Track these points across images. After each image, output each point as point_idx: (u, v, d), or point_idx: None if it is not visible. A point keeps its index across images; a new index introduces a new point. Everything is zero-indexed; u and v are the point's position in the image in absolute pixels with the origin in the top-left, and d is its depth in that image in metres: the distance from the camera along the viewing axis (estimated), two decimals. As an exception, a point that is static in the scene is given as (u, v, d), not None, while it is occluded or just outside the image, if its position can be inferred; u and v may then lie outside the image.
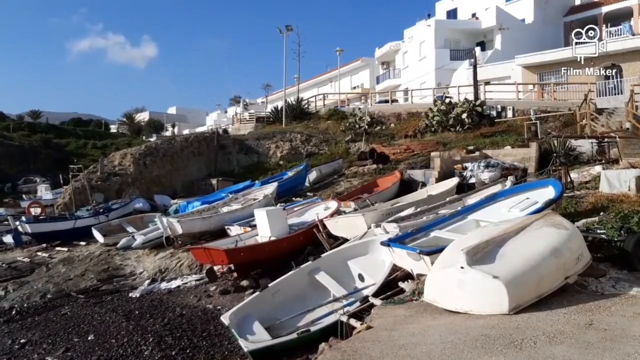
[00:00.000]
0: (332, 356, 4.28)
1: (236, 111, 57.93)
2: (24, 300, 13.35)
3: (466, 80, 33.44)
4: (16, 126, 57.89)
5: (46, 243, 19.40)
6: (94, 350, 8.90)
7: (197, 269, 13.71)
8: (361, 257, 9.27)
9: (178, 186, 27.30)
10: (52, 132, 58.31)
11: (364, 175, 21.12)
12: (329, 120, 34.28)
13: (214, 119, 71.90)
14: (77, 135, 60.78)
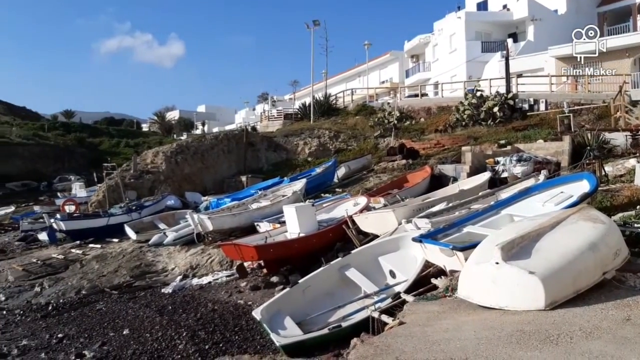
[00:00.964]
0: (364, 351, 4.25)
1: (264, 108, 58.12)
2: (59, 296, 13.66)
3: (498, 72, 32.92)
4: (51, 126, 59.24)
5: (80, 240, 19.81)
6: (129, 344, 9.05)
7: (227, 265, 13.82)
8: (392, 254, 9.19)
9: (208, 183, 27.59)
10: (85, 131, 59.55)
11: (394, 171, 21.00)
12: (357, 116, 34.14)
13: (242, 117, 72.38)
14: (110, 134, 61.93)
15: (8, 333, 11.04)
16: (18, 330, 11.14)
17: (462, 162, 17.88)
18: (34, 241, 21.83)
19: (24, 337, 10.58)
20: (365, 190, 17.62)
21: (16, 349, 9.87)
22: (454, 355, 3.83)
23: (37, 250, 20.20)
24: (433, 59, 45.01)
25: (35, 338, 10.45)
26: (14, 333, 11.00)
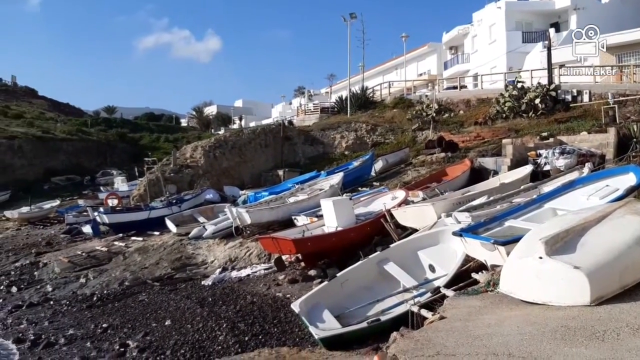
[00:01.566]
0: (405, 345, 4.21)
1: (300, 102, 58.27)
2: (103, 287, 14.04)
3: (539, 63, 32.14)
4: (93, 122, 60.72)
5: (122, 233, 20.28)
6: (172, 335, 9.23)
7: (265, 258, 13.92)
8: (431, 248, 9.11)
9: (246, 177, 27.87)
10: (126, 127, 60.84)
11: (432, 164, 20.79)
12: (394, 109, 33.87)
13: (279, 111, 72.71)
14: (150, 129, 63.09)
15: (55, 322, 11.41)
16: (64, 320, 11.50)
17: (503, 155, 17.57)
18: (78, 234, 22.48)
19: (70, 327, 10.92)
20: (403, 184, 17.49)
21: (63, 338, 10.20)
22: (497, 351, 3.77)
23: (81, 243, 20.79)
24: (472, 50, 44.25)
25: (81, 328, 10.78)
26: (60, 323, 11.37)
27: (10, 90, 75.57)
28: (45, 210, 29.96)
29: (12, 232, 26.80)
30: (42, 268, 17.41)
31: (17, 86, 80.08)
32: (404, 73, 48.86)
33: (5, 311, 12.96)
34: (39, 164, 43.16)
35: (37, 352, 9.58)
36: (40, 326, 11.27)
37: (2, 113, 53.59)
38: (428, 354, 3.86)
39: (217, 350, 8.29)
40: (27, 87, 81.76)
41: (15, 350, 9.98)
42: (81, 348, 9.60)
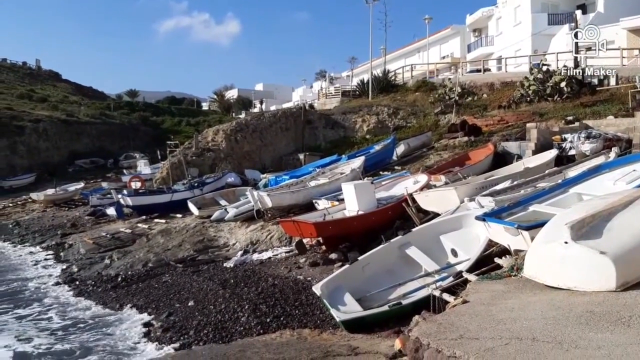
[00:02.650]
0: (427, 328, 4.20)
1: (321, 86, 57.98)
2: (127, 268, 14.27)
3: (565, 46, 31.48)
4: (116, 105, 61.26)
5: (145, 215, 20.54)
6: (195, 316, 9.37)
7: (286, 241, 13.99)
8: (454, 232, 9.06)
9: (267, 161, 27.94)
10: (148, 110, 61.31)
11: (455, 148, 20.59)
12: (417, 92, 33.53)
13: (300, 94, 72.53)
14: (172, 113, 63.49)
15: (81, 303, 11.65)
16: (90, 300, 11.73)
17: (527, 139, 17.31)
18: (102, 216, 22.84)
19: (96, 307, 11.15)
20: (425, 168, 17.36)
21: (89, 317, 10.43)
22: (521, 335, 3.73)
23: (105, 225, 21.13)
24: (496, 32, 43.51)
25: (105, 307, 10.99)
26: (86, 303, 11.60)
27: (34, 74, 76.59)
28: (70, 193, 30.44)
29: (38, 213, 27.34)
30: (67, 249, 17.77)
31: (42, 70, 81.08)
32: (426, 56, 48.27)
33: (32, 291, 13.27)
34: (64, 147, 43.80)
35: (63, 332, 9.81)
36: (66, 306, 11.53)
37: (27, 96, 54.33)
38: (451, 337, 3.84)
39: (240, 331, 8.40)
40: (51, 70, 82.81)
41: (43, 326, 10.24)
42: (106, 327, 9.80)
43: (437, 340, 3.76)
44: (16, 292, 13.15)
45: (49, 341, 9.32)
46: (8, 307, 11.68)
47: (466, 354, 3.37)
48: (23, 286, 13.77)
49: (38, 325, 10.39)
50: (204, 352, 6.98)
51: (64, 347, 8.93)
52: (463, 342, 3.65)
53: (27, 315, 11.03)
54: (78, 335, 9.50)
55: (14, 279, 14.73)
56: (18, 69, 76.12)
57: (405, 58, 53.89)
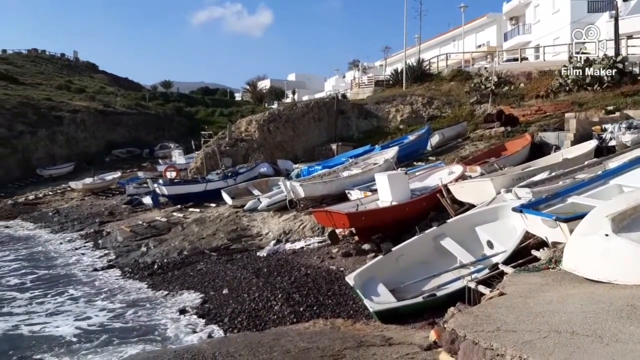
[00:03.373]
0: (464, 320, 4.15)
1: (354, 75, 57.73)
2: (163, 256, 14.53)
3: (606, 34, 30.54)
4: (151, 96, 62.23)
5: (180, 204, 20.84)
6: (229, 303, 9.50)
7: (319, 231, 14.01)
8: (490, 224, 8.92)
9: (299, 151, 28.00)
10: (183, 101, 62.03)
11: (491, 139, 20.31)
12: (452, 82, 33.04)
13: (332, 84, 72.29)
14: (206, 103, 64.12)
15: (119, 288, 11.94)
16: (128, 286, 12.04)
17: (566, 129, 16.94)
18: (139, 204, 23.30)
19: (133, 292, 11.43)
20: (460, 159, 17.16)
21: (127, 302, 10.68)
22: (560, 328, 3.67)
23: (142, 213, 21.55)
24: (534, 20, 42.51)
25: (142, 293, 11.24)
26: (124, 288, 11.88)
27: (72, 65, 78.30)
28: (107, 182, 31.13)
29: (77, 202, 28.07)
30: (105, 237, 18.18)
31: (79, 61, 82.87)
32: (461, 45, 47.55)
33: (72, 276, 13.68)
34: (101, 137, 44.74)
35: (103, 315, 10.09)
36: (106, 291, 11.85)
37: (66, 87, 55.57)
38: (488, 329, 3.79)
39: (273, 320, 8.47)
40: (88, 62, 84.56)
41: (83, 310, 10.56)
42: (143, 312, 10.02)
43: (473, 332, 3.73)
44: (59, 278, 13.58)
45: (88, 326, 9.61)
46: (49, 291, 12.10)
47: (503, 346, 3.33)
48: (65, 272, 14.20)
49: (79, 307, 10.75)
50: (238, 339, 7.05)
51: (102, 334, 9.18)
52: (500, 335, 3.60)
53: (65, 300, 11.41)
54: (116, 321, 9.75)
55: (56, 265, 15.21)
56: (57, 60, 77.91)
57: (440, 47, 53.16)
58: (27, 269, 14.90)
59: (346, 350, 5.81)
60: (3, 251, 17.76)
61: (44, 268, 14.91)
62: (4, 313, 10.73)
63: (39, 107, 42.26)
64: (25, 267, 15.18)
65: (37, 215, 25.97)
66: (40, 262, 15.83)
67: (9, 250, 17.86)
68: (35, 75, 61.58)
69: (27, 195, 32.08)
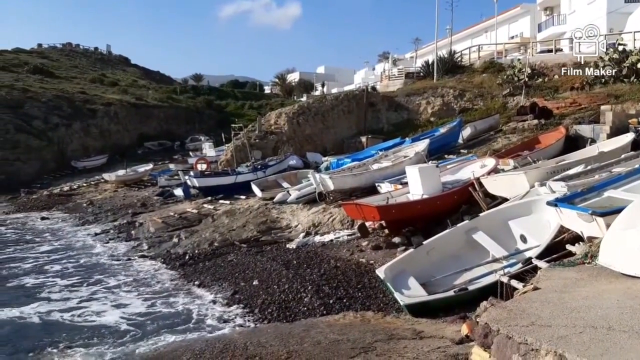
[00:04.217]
0: (497, 314, 4.10)
1: (384, 68, 57.25)
2: (194, 247, 14.72)
3: (643, 25, 29.67)
4: (182, 89, 62.83)
5: (211, 196, 21.06)
6: (259, 294, 9.58)
7: (348, 224, 14.00)
8: (523, 218, 8.80)
9: (329, 144, 27.97)
10: (213, 94, 62.58)
11: (524, 132, 20.00)
12: (484, 74, 32.55)
13: (362, 77, 71.94)
14: (235, 96, 64.53)
15: (152, 278, 12.16)
16: (160, 276, 12.25)
17: (602, 122, 16.58)
18: (170, 196, 23.63)
19: (165, 282, 11.64)
20: (493, 152, 16.92)
21: (160, 292, 10.88)
22: (596, 324, 3.61)
23: (173, 205, 21.83)
24: (569, 10, 41.51)
25: (174, 283, 11.43)
26: (156, 278, 12.09)
27: (105, 59, 79.65)
28: (140, 174, 31.63)
29: (110, 193, 28.59)
30: (138, 227, 18.48)
31: (112, 55, 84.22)
32: (494, 36, 46.77)
33: (107, 266, 13.98)
34: (133, 129, 45.46)
35: (136, 304, 10.30)
36: (138, 281, 12.08)
37: (99, 81, 56.58)
38: (522, 323, 3.75)
39: (303, 311, 8.51)
40: (121, 55, 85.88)
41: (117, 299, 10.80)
42: (176, 302, 10.19)
43: (507, 327, 3.69)
44: (94, 267, 13.90)
45: (121, 315, 9.82)
46: (84, 281, 12.43)
47: (538, 341, 3.29)
48: (98, 262, 14.53)
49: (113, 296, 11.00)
50: (269, 330, 7.12)
51: (134, 323, 9.37)
52: (535, 329, 3.56)
53: (100, 289, 11.68)
54: (148, 310, 9.93)
55: (90, 255, 15.57)
56: (90, 54, 79.37)
57: (472, 38, 52.37)
58: (63, 258, 15.30)
59: (377, 343, 5.82)
60: (40, 242, 18.26)
61: (78, 258, 15.29)
62: (42, 299, 11.07)
63: (73, 100, 43.13)
64: (61, 257, 15.59)
65: (72, 206, 26.56)
66: (74, 251, 16.23)
67: (45, 241, 18.35)
68: (70, 69, 62.88)
69: (62, 186, 32.83)
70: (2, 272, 13.87)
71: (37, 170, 36.31)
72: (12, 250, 16.91)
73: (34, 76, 50.14)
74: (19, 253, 16.50)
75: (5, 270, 14.03)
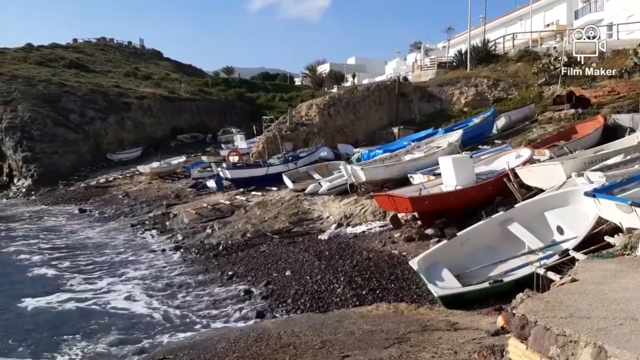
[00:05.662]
0: (534, 306, 4.05)
1: (416, 58, 56.64)
2: (228, 237, 14.89)
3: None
4: (214, 82, 63.28)
5: (243, 188, 21.24)
6: (292, 285, 9.64)
7: (380, 215, 13.95)
8: (560, 209, 8.63)
9: (360, 135, 27.88)
10: (244, 86, 62.87)
11: (560, 121, 19.59)
12: (518, 63, 31.89)
13: (393, 67, 71.24)
14: (266, 89, 64.71)
15: (187, 268, 12.37)
16: (194, 267, 12.44)
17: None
18: (203, 188, 23.94)
19: (199, 273, 11.79)
20: (528, 142, 16.63)
21: (194, 282, 11.06)
22: (636, 315, 3.56)
23: (206, 196, 22.11)
24: (607, -3, 40.38)
25: (208, 274, 11.60)
26: (191, 269, 12.30)
27: (139, 53, 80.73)
28: (173, 166, 32.08)
29: (145, 185, 29.12)
30: (172, 219, 18.79)
31: (145, 49, 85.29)
32: (529, 24, 45.75)
33: (143, 256, 14.28)
34: (166, 122, 46.04)
35: (172, 294, 10.50)
36: (173, 271, 12.30)
37: (133, 75, 57.43)
38: (560, 315, 3.70)
39: (336, 302, 8.54)
40: (154, 49, 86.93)
41: (153, 288, 11.05)
42: (210, 292, 10.35)
43: (545, 318, 3.65)
44: (129, 258, 14.25)
45: (157, 304, 10.03)
46: (118, 269, 12.89)
47: (577, 332, 3.26)
48: (134, 252, 14.85)
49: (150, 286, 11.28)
50: (302, 320, 7.16)
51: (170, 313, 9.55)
52: (573, 321, 3.52)
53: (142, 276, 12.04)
54: (183, 300, 10.12)
55: (126, 245, 15.92)
56: (124, 48, 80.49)
57: (506, 27, 51.36)
58: (100, 248, 15.69)
59: (411, 334, 5.80)
60: (76, 233, 18.75)
61: (113, 248, 15.66)
62: (79, 288, 11.42)
63: (108, 94, 43.91)
64: (98, 246, 16.00)
65: (108, 197, 27.15)
66: (111, 242, 16.61)
67: (83, 231, 18.84)
68: (104, 63, 63.93)
69: (98, 178, 33.56)
70: (47, 260, 14.37)
71: (74, 163, 37.14)
72: (51, 239, 17.45)
73: (70, 70, 51.19)
74: (58, 241, 17.02)
75: (47, 260, 14.52)
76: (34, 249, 16.17)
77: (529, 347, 3.71)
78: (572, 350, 3.27)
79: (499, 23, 53.56)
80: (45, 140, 36.67)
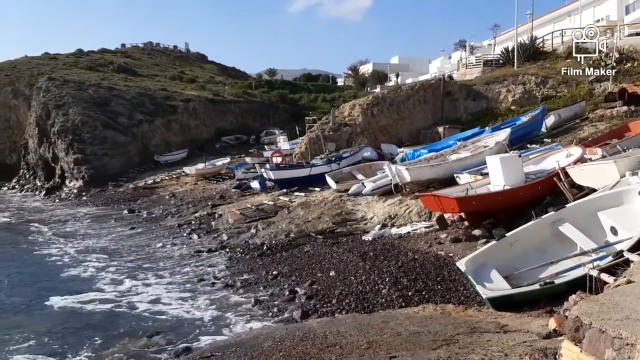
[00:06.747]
0: (588, 307, 3.93)
1: (461, 56, 55.76)
2: (272, 237, 15.02)
3: None
4: (257, 84, 63.94)
5: (286, 188, 21.39)
6: (336, 285, 9.64)
7: (425, 216, 13.78)
8: (614, 209, 8.33)
9: (404, 135, 27.63)
10: (286, 88, 63.24)
11: (612, 119, 18.96)
12: (568, 59, 31.07)
13: (437, 66, 70.33)
14: (308, 89, 64.92)
15: (232, 268, 12.54)
16: (239, 266, 12.60)
17: (699, 107, 15.40)
18: (247, 188, 24.24)
19: (244, 272, 11.93)
20: (579, 140, 16.13)
21: (239, 282, 11.19)
22: (694, 317, 3.38)
23: (250, 197, 22.38)
24: (661, -10, 38.84)
25: (253, 273, 11.73)
26: (236, 268, 12.46)
27: (184, 57, 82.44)
28: (218, 167, 32.61)
29: (191, 186, 29.69)
30: (217, 219, 19.09)
31: (190, 52, 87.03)
32: (578, 20, 44.50)
33: (190, 255, 14.57)
34: (211, 124, 46.84)
35: (217, 293, 10.67)
36: (219, 270, 12.50)
37: (179, 78, 58.61)
38: (616, 317, 3.59)
39: (381, 303, 8.49)
40: (199, 53, 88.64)
41: (200, 288, 11.26)
42: (255, 291, 10.46)
43: (600, 320, 3.55)
44: (176, 257, 14.55)
45: (203, 303, 10.21)
46: (165, 270, 13.27)
47: (634, 335, 3.16)
48: (180, 252, 15.17)
49: (195, 285, 11.52)
50: (347, 320, 7.15)
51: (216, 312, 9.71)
52: (630, 324, 3.41)
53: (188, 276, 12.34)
54: (229, 299, 10.29)
55: (173, 245, 16.28)
56: (170, 52, 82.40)
57: (554, 23, 50.07)
58: (148, 247, 16.09)
59: (459, 336, 5.71)
60: (129, 233, 19.27)
61: (162, 248, 16.04)
62: (124, 290, 11.76)
63: (155, 97, 45.06)
64: (146, 247, 16.40)
65: (155, 198, 27.81)
66: (158, 242, 17.00)
67: (130, 232, 19.35)
68: (151, 67, 65.55)
69: (146, 180, 34.46)
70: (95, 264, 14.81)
71: (123, 165, 38.26)
72: (102, 235, 17.99)
73: (118, 75, 52.78)
74: (109, 243, 17.55)
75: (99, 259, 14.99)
76: (81, 248, 16.95)
77: (583, 349, 3.62)
78: (629, 353, 3.18)
79: (547, 19, 52.26)
80: (95, 143, 37.93)
